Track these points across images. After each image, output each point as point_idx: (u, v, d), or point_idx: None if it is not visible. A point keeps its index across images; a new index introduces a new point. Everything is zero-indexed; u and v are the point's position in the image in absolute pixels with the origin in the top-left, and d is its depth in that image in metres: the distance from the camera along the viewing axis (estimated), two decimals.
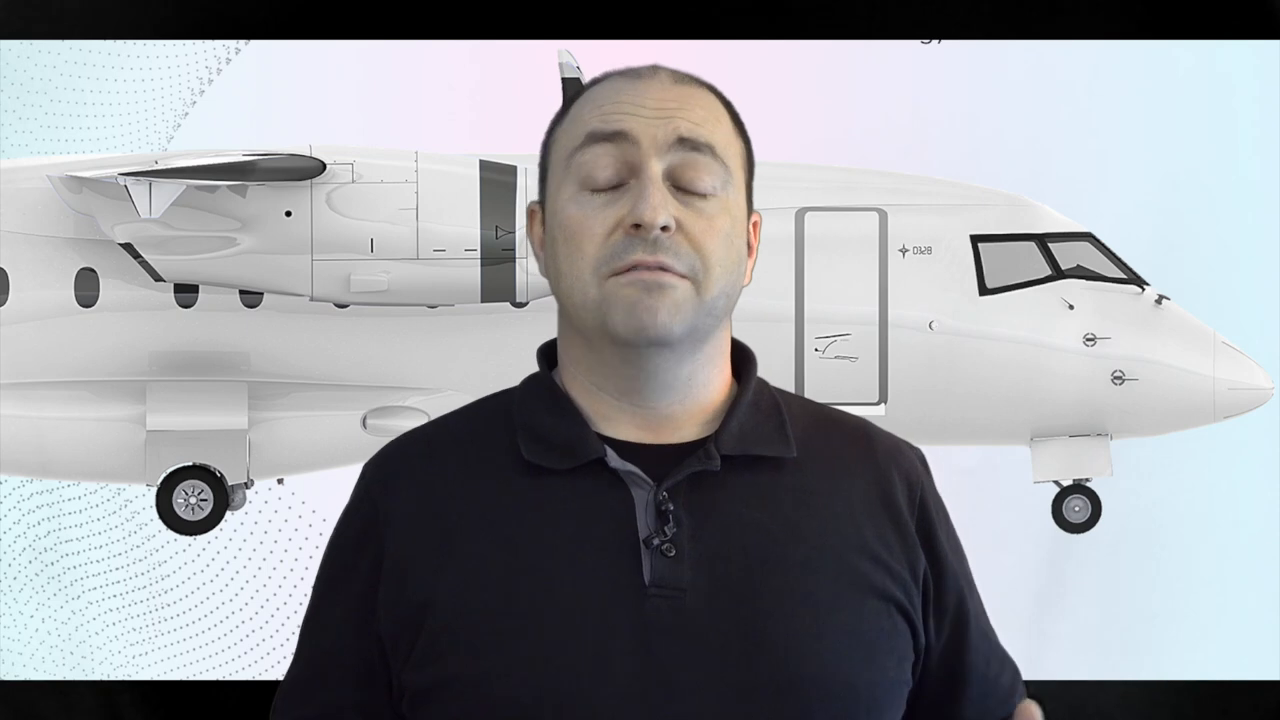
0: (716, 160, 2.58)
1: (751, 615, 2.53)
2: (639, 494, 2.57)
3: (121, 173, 11.73)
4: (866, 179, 12.79)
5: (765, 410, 2.66)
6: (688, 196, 2.56)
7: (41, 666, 13.28)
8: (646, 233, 2.51)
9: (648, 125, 2.55)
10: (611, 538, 2.55)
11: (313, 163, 11.88)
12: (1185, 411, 12.63)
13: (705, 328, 2.58)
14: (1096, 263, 12.72)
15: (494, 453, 2.62)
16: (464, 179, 11.98)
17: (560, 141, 2.61)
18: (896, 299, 12.55)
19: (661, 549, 2.54)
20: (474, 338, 12.48)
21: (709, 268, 2.55)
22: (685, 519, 2.55)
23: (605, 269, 2.53)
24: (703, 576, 2.53)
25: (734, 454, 2.59)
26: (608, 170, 2.56)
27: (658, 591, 2.52)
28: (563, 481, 2.58)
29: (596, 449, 2.58)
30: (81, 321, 12.46)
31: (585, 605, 2.52)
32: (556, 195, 2.59)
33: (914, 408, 12.45)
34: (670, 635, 2.51)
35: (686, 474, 2.57)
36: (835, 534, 2.59)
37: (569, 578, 2.53)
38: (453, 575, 2.56)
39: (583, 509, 2.56)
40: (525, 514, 2.57)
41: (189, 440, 12.48)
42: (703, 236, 2.55)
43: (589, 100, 2.61)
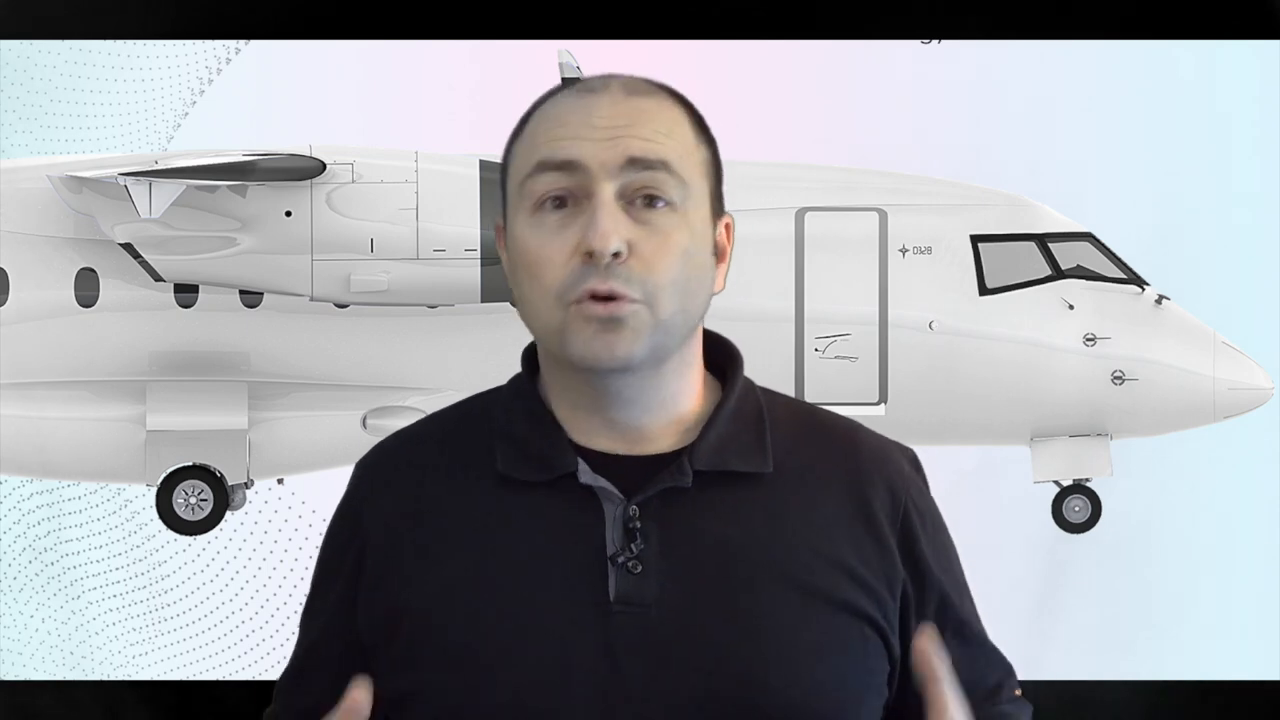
0: (672, 175, 2.54)
1: (717, 633, 2.52)
2: (610, 509, 2.56)
3: (121, 173, 11.72)
4: (866, 179, 12.78)
5: (746, 419, 2.64)
6: (644, 213, 2.53)
7: (41, 666, 13.27)
8: (598, 260, 2.50)
9: (596, 149, 2.52)
10: (580, 553, 2.55)
11: (313, 163, 11.88)
12: (1185, 411, 12.63)
13: (666, 346, 2.57)
14: (1096, 263, 12.72)
15: (473, 459, 2.63)
16: (464, 179, 11.98)
17: (516, 163, 2.60)
18: (896, 299, 12.55)
19: (627, 565, 2.53)
20: (474, 338, 12.48)
21: (661, 288, 2.52)
22: (655, 534, 2.55)
23: (567, 296, 2.53)
24: (669, 593, 2.53)
25: (707, 469, 2.59)
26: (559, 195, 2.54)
27: (622, 608, 2.52)
28: (537, 494, 2.58)
29: (570, 463, 2.58)
30: (81, 321, 12.46)
31: (551, 620, 2.52)
32: (514, 220, 2.58)
33: (914, 408, 12.45)
34: (634, 651, 2.51)
35: (657, 490, 2.57)
36: (808, 550, 2.58)
37: (536, 592, 2.53)
38: (425, 584, 2.58)
39: (554, 523, 2.56)
40: (498, 526, 2.57)
41: (189, 440, 12.48)
42: (655, 257, 2.52)
43: (541, 119, 2.59)
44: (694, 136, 2.60)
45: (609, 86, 2.59)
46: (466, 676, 2.52)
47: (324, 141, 12.10)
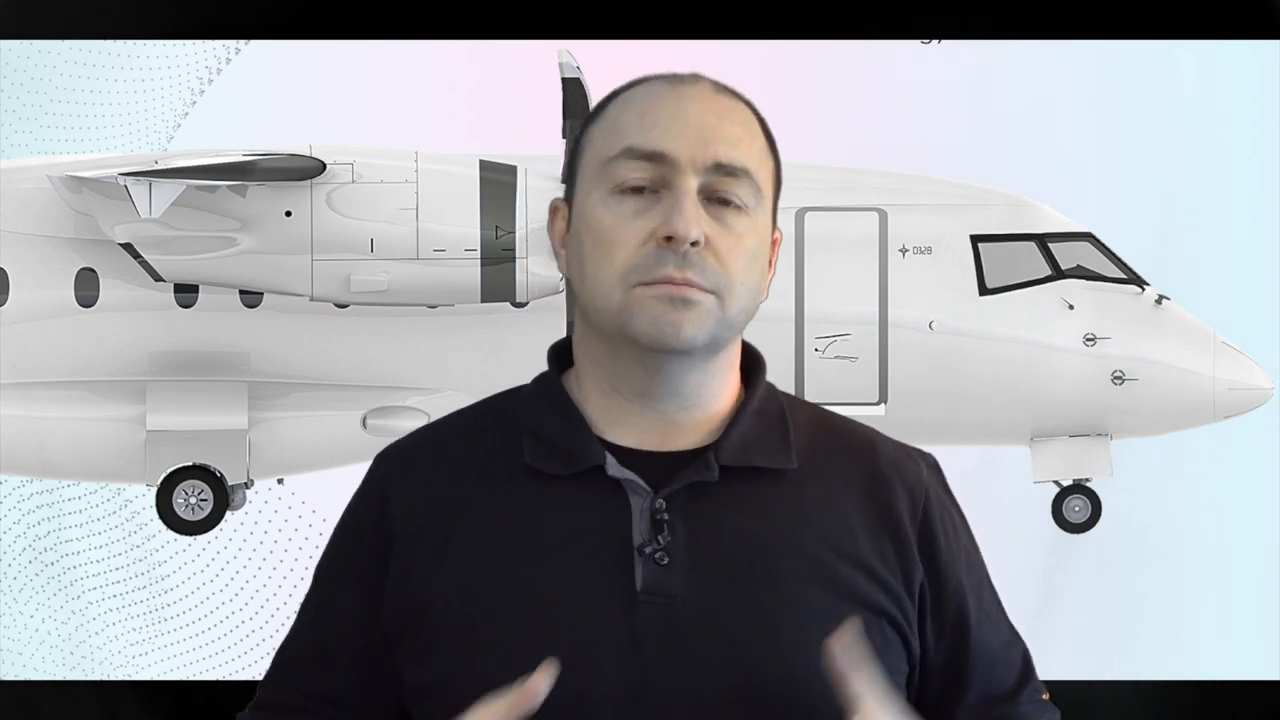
0: (750, 182, 2.60)
1: (741, 625, 2.56)
2: (636, 501, 2.59)
3: (121, 173, 11.72)
4: (866, 179, 12.79)
5: (770, 419, 2.70)
6: (719, 211, 2.58)
7: (41, 666, 13.27)
8: (678, 245, 2.54)
9: (686, 147, 2.57)
10: (607, 544, 2.58)
11: (313, 163, 11.88)
12: (1185, 411, 12.63)
13: (724, 340, 2.65)
14: (1096, 263, 12.72)
15: (499, 454, 2.65)
16: (464, 179, 11.98)
17: (596, 144, 2.63)
18: (896, 299, 12.55)
19: (654, 557, 2.56)
20: (474, 338, 12.48)
21: (732, 285, 2.59)
22: (681, 528, 2.58)
23: (634, 278, 2.56)
24: (694, 585, 2.56)
25: (733, 465, 2.62)
26: (642, 181, 2.57)
27: (648, 598, 2.55)
28: (563, 487, 2.60)
29: (597, 455, 2.61)
30: (81, 321, 12.46)
31: (578, 610, 2.55)
32: (586, 197, 2.61)
33: (914, 408, 12.45)
34: (660, 642, 2.54)
35: (684, 483, 2.60)
36: (829, 547, 2.62)
37: (563, 582, 2.56)
38: (451, 575, 2.59)
39: (581, 515, 2.59)
40: (525, 518, 2.60)
41: (189, 440, 12.48)
42: (730, 254, 2.58)
43: (628, 106, 2.62)
44: (766, 148, 2.68)
45: (698, 82, 2.65)
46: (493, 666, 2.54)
47: (324, 141, 12.10)
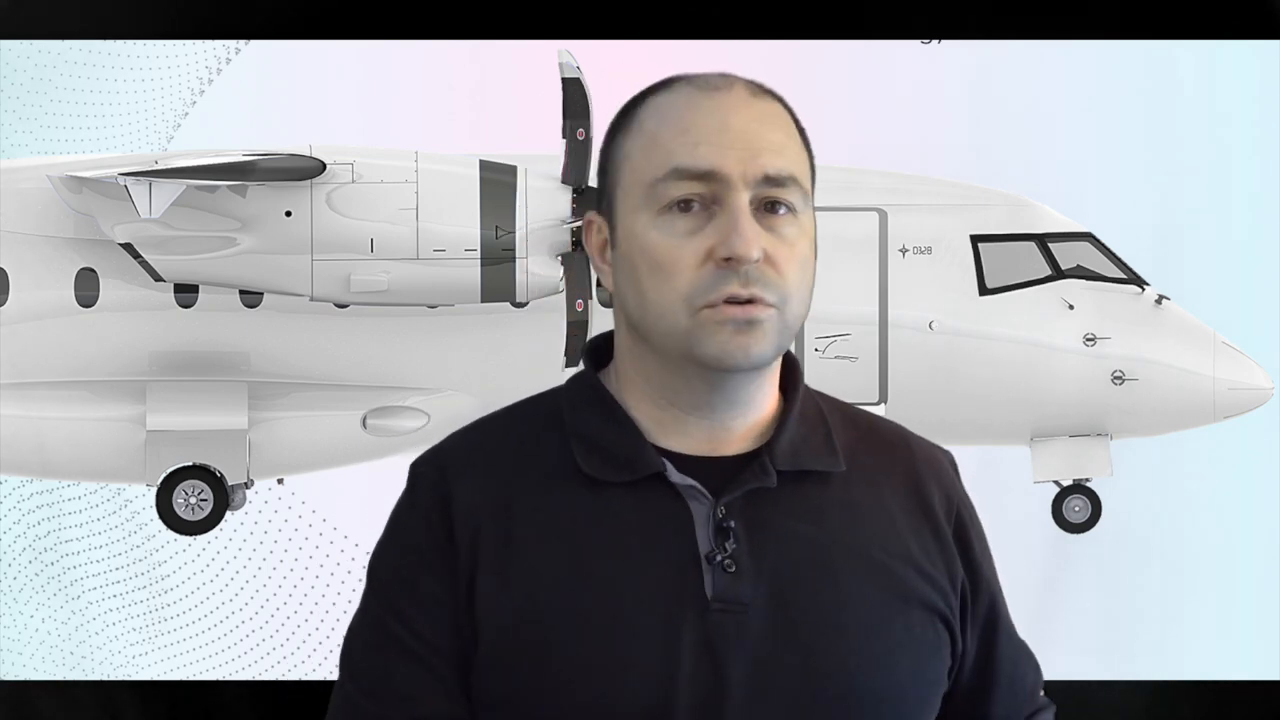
0: (798, 187, 2.60)
1: (809, 630, 2.57)
2: (697, 508, 2.59)
3: (121, 173, 11.72)
4: (866, 179, 12.78)
5: (812, 421, 2.71)
6: (770, 220, 2.57)
7: (41, 666, 13.27)
8: (739, 265, 2.53)
9: (736, 162, 2.55)
10: (673, 552, 2.57)
11: (313, 163, 11.88)
12: (1185, 411, 12.63)
13: (784, 348, 2.64)
14: (1096, 263, 12.72)
15: (549, 462, 2.62)
16: (464, 179, 11.97)
17: (636, 162, 2.59)
18: (896, 299, 12.55)
19: (723, 565, 2.57)
20: (474, 338, 12.48)
21: (792, 295, 2.59)
22: (743, 535, 2.58)
23: (699, 300, 2.54)
24: (761, 592, 2.57)
25: (787, 469, 2.63)
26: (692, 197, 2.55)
27: (721, 606, 2.55)
28: (622, 494, 2.59)
29: (655, 463, 2.60)
30: (81, 321, 12.46)
31: (650, 619, 2.54)
32: (634, 218, 2.58)
33: (914, 408, 12.44)
34: (733, 649, 2.54)
35: (744, 490, 2.60)
36: (881, 547, 2.64)
37: (633, 591, 2.55)
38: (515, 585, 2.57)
39: (643, 523, 2.58)
40: (587, 526, 2.58)
41: (189, 440, 12.48)
42: (787, 264, 2.58)
43: (667, 119, 2.59)
44: (802, 144, 2.67)
45: (734, 87, 2.62)
46: (569, 675, 2.53)
47: (324, 141, 12.09)
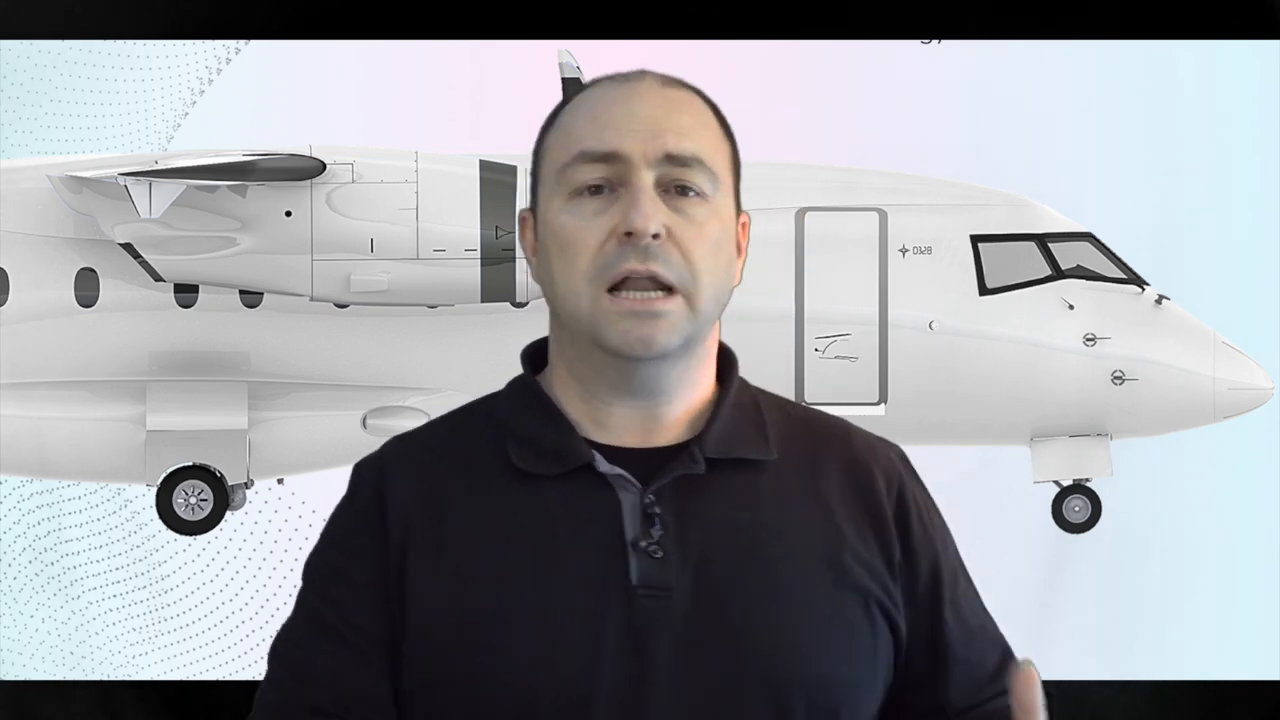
0: (704, 169, 2.62)
1: (736, 614, 2.58)
2: (626, 497, 2.62)
3: (121, 173, 11.73)
4: (866, 179, 12.79)
5: (746, 411, 2.71)
6: (678, 202, 2.60)
7: (41, 666, 13.27)
8: (638, 240, 2.56)
9: (638, 141, 2.59)
10: (600, 540, 2.60)
11: (313, 163, 11.89)
12: (1185, 411, 12.63)
13: (698, 336, 2.64)
14: (1096, 263, 12.72)
15: (484, 459, 2.67)
16: (464, 179, 11.98)
17: (552, 152, 2.66)
18: (896, 299, 12.55)
19: (648, 550, 2.59)
20: (474, 338, 12.48)
21: (698, 275, 2.59)
22: (671, 521, 2.60)
23: (600, 280, 2.58)
24: (688, 577, 2.59)
25: (717, 457, 2.64)
26: (599, 181, 2.60)
27: (646, 592, 2.58)
28: (552, 486, 2.63)
29: (585, 454, 2.63)
30: (81, 321, 12.47)
31: (575, 606, 2.57)
32: (548, 205, 2.64)
33: (914, 408, 12.45)
34: (658, 634, 2.57)
35: (671, 477, 2.62)
36: (815, 533, 2.65)
37: (560, 579, 2.58)
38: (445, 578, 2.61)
39: (572, 513, 2.61)
40: (517, 519, 2.62)
41: (189, 440, 12.49)
42: (692, 244, 2.59)
43: (580, 110, 2.65)
44: (719, 132, 2.68)
45: (644, 79, 2.67)
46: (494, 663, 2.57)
47: (324, 141, 12.10)
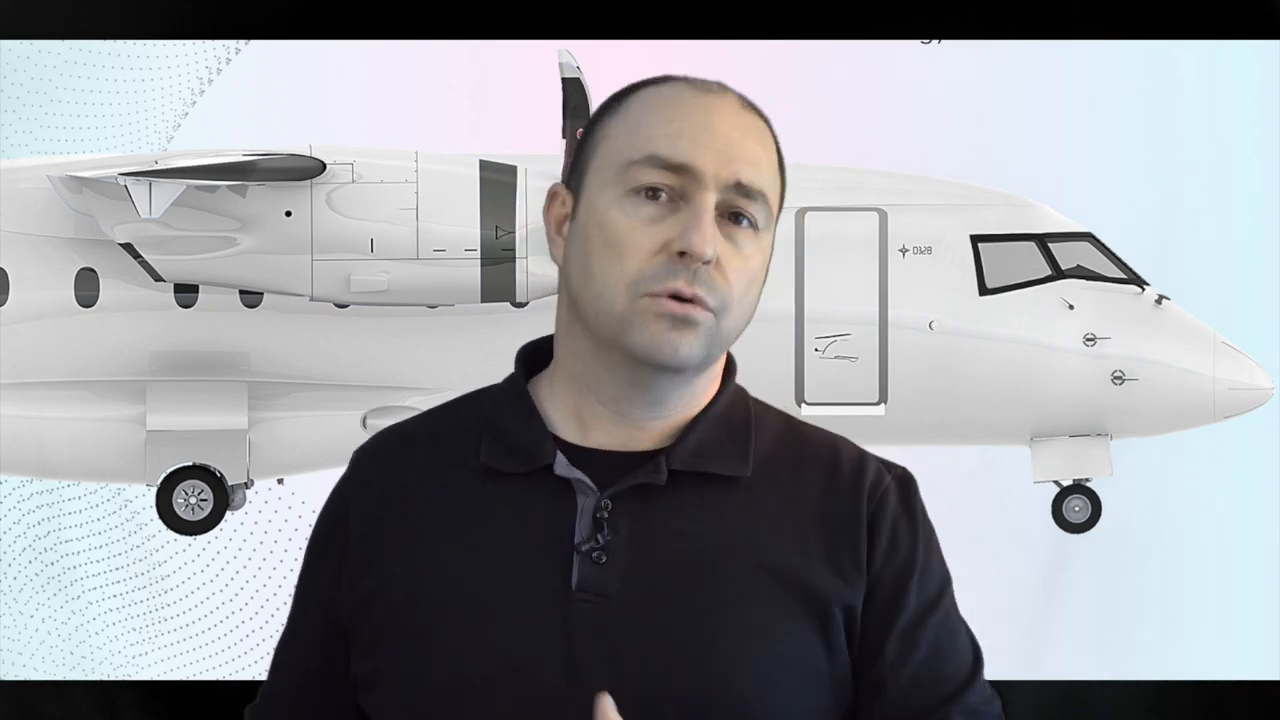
0: (765, 204, 2.60)
1: (673, 628, 2.55)
2: (584, 501, 2.60)
3: (121, 173, 11.73)
4: (866, 179, 12.79)
5: (733, 425, 2.67)
6: (731, 230, 2.58)
7: (41, 666, 13.27)
8: (691, 262, 2.53)
9: (711, 162, 2.56)
10: (549, 543, 2.59)
11: (313, 163, 11.89)
12: (1185, 411, 12.63)
13: (715, 357, 2.62)
14: (1096, 263, 12.72)
15: (459, 452, 2.68)
16: (464, 179, 11.98)
17: (616, 142, 2.60)
18: (896, 299, 12.55)
19: (591, 555, 2.57)
20: (474, 338, 12.49)
21: (733, 305, 2.57)
22: (625, 528, 2.58)
23: (642, 287, 2.55)
24: (631, 585, 2.56)
25: (684, 469, 2.61)
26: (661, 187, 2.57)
27: (581, 596, 2.56)
28: (515, 485, 2.63)
29: (548, 454, 2.62)
30: (81, 321, 12.47)
31: (514, 606, 2.57)
32: (600, 194, 2.59)
33: (914, 408, 12.45)
34: (590, 640, 2.55)
35: (630, 484, 2.60)
36: (778, 555, 2.60)
37: (503, 579, 2.58)
38: (400, 569, 2.63)
39: (527, 513, 2.61)
40: (474, 515, 2.62)
41: (189, 440, 12.49)
42: (736, 275, 2.57)
43: (653, 108, 2.61)
44: (779, 169, 2.67)
45: (725, 94, 2.65)
46: (432, 658, 2.57)
47: (324, 141, 12.10)
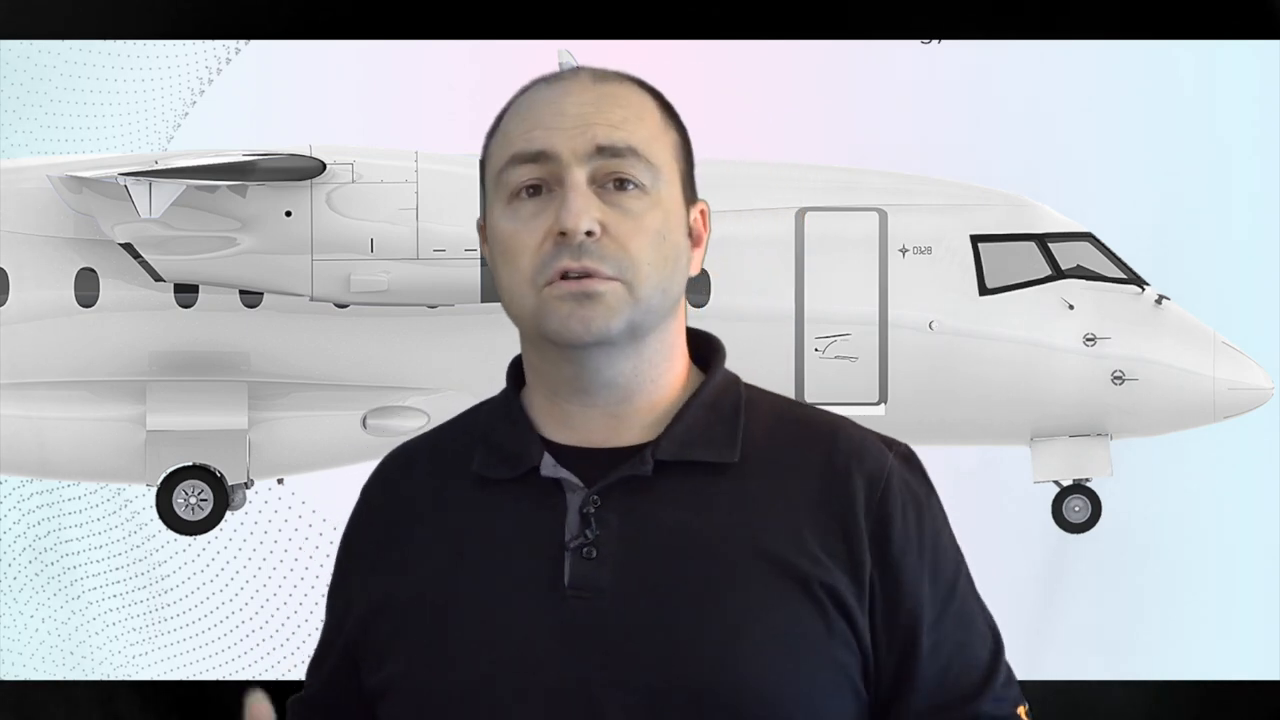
0: (640, 160, 2.59)
1: (670, 619, 2.54)
2: (572, 499, 2.60)
3: (121, 173, 11.73)
4: (866, 179, 12.79)
5: (722, 411, 2.66)
6: (616, 196, 2.58)
7: (41, 666, 13.27)
8: (571, 239, 2.55)
9: (567, 138, 2.58)
10: (540, 542, 2.60)
11: (313, 163, 11.89)
12: (1185, 411, 12.63)
13: (645, 324, 2.60)
14: (1096, 263, 12.72)
15: (457, 465, 2.70)
16: (464, 179, 11.98)
17: (492, 158, 2.66)
18: (896, 299, 12.55)
19: (582, 552, 2.57)
20: (474, 338, 12.48)
21: (637, 265, 2.56)
22: (615, 523, 2.58)
23: (539, 279, 2.57)
24: (624, 580, 2.56)
25: (670, 459, 2.61)
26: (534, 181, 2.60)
27: (575, 593, 2.56)
28: (506, 490, 2.64)
29: (535, 456, 2.63)
30: (81, 321, 12.47)
31: (509, 606, 2.58)
32: (492, 210, 2.64)
33: (914, 408, 12.45)
34: (587, 637, 2.54)
35: (616, 478, 2.60)
36: (771, 539, 2.57)
37: (500, 582, 2.59)
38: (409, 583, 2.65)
39: (519, 516, 2.62)
40: (470, 523, 2.64)
41: (189, 440, 12.49)
42: (629, 238, 2.57)
43: (514, 114, 2.66)
44: (661, 121, 2.65)
45: (577, 76, 2.66)
46: (436, 664, 2.59)
47: (324, 141, 12.10)
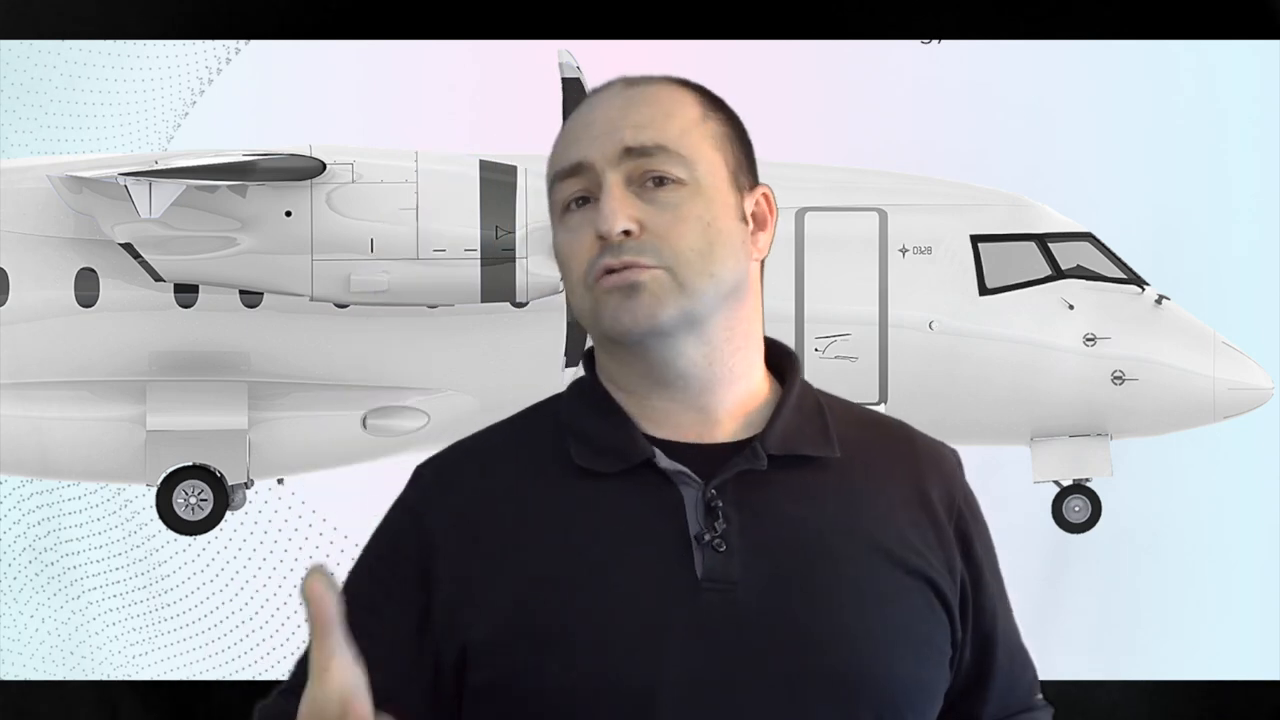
0: (671, 155, 2.64)
1: (802, 609, 2.59)
2: (688, 492, 2.63)
3: (121, 173, 11.73)
4: (866, 179, 12.79)
5: (809, 411, 2.73)
6: (654, 193, 2.64)
7: (41, 666, 13.28)
8: (609, 240, 2.61)
9: (597, 146, 2.65)
10: (664, 535, 2.61)
11: (313, 163, 11.89)
12: (1185, 411, 12.63)
13: (701, 311, 2.64)
14: (1096, 263, 12.72)
15: (545, 459, 2.69)
16: (464, 179, 11.98)
17: (547, 180, 2.74)
18: (896, 299, 12.55)
19: (712, 544, 2.60)
20: (474, 338, 12.49)
21: (679, 254, 2.62)
22: (734, 516, 2.62)
23: (589, 280, 2.64)
24: (753, 571, 2.60)
25: (779, 453, 2.66)
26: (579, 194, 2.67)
27: (710, 585, 2.58)
28: (614, 484, 2.65)
29: (645, 450, 2.65)
30: (81, 321, 12.47)
31: (641, 600, 2.58)
32: (553, 229, 2.73)
33: (914, 408, 12.45)
34: (724, 628, 2.57)
35: (734, 472, 2.64)
36: (880, 531, 2.66)
37: (624, 575, 2.60)
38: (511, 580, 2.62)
39: (635, 509, 2.63)
40: (579, 516, 2.64)
41: (189, 440, 12.49)
42: (668, 229, 2.62)
43: (559, 135, 2.74)
44: (699, 114, 2.70)
45: (610, 86, 2.72)
46: (561, 659, 2.58)
47: (324, 141, 12.10)
